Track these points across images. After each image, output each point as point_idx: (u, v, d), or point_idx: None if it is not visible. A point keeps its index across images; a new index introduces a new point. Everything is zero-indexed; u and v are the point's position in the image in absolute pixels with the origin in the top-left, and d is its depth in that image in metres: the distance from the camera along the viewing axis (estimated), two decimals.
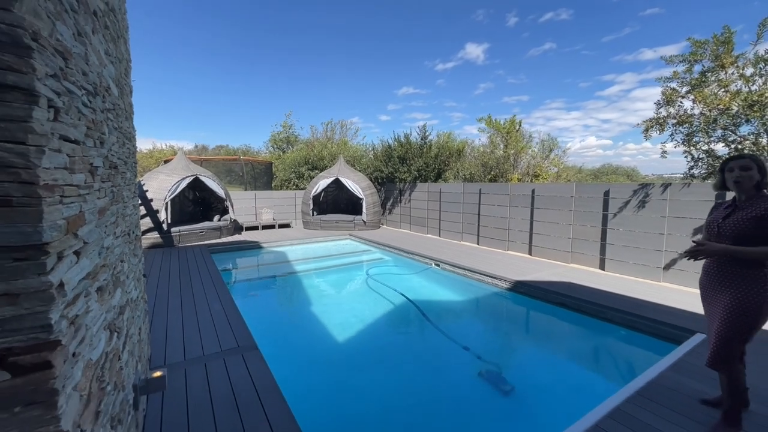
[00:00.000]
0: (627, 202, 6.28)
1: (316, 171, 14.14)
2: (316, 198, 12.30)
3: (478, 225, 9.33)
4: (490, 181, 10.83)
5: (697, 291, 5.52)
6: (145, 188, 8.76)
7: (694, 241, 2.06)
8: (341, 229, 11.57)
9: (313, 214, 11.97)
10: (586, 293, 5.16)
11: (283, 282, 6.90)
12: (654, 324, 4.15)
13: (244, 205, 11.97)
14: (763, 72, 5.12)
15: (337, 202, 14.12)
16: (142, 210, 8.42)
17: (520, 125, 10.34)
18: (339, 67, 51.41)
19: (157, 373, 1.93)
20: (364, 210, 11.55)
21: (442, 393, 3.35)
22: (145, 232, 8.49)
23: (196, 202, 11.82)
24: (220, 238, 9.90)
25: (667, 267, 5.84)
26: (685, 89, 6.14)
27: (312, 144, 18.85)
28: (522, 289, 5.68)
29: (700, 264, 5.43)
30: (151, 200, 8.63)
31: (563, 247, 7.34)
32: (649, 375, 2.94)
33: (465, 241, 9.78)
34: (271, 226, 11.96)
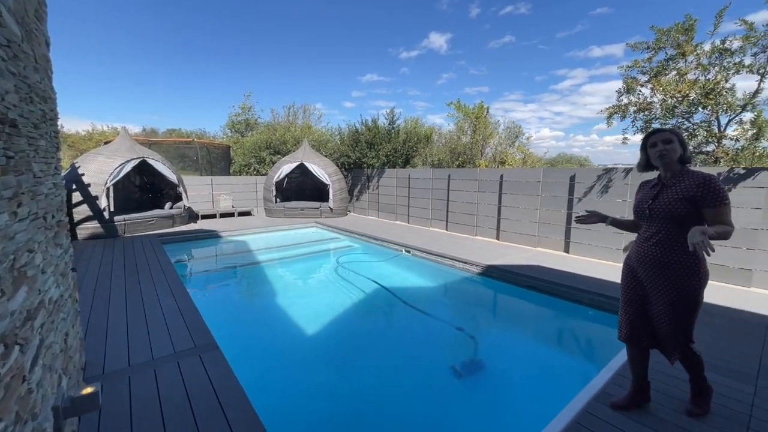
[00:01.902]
0: (591, 187, 6.47)
1: (279, 156, 13.42)
2: (279, 184, 11.67)
3: (447, 211, 9.31)
4: (459, 167, 10.86)
5: None
6: (80, 171, 7.73)
7: (703, 240, 1.62)
8: (307, 217, 11.10)
9: (276, 201, 11.35)
10: (555, 276, 5.25)
11: (246, 273, 6.42)
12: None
13: (200, 191, 11.08)
14: (716, 62, 5.40)
15: (302, 189, 13.54)
16: (79, 196, 7.43)
17: (487, 111, 10.40)
18: (300, 53, 49.31)
19: (87, 390, 1.55)
20: (330, 196, 11.14)
21: (421, 383, 3.20)
22: (81, 221, 7.52)
23: (144, 189, 10.73)
24: (172, 227, 9.07)
25: (626, 249, 6.11)
26: (644, 78, 6.36)
27: (274, 127, 17.86)
28: (493, 273, 5.69)
29: None
30: (89, 185, 7.64)
31: (530, 231, 7.49)
32: (624, 354, 2.96)
33: (434, 227, 9.74)
34: (230, 214, 11.20)
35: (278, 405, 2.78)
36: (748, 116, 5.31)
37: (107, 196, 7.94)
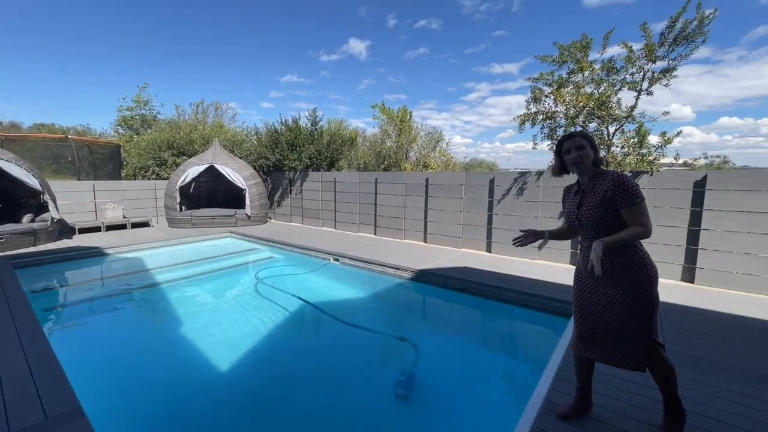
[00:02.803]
0: (509, 190, 6.87)
1: (184, 157, 11.77)
2: (184, 189, 10.18)
3: (375, 215, 9.12)
4: (384, 170, 10.78)
5: (564, 265, 6.51)
6: None
7: (592, 259, 1.70)
8: (219, 226, 9.87)
9: (181, 209, 9.87)
10: (482, 276, 5.37)
11: (140, 299, 5.27)
12: (545, 300, 4.49)
13: (78, 199, 9.03)
14: (605, 78, 6.17)
15: (213, 195, 12.09)
16: None
17: (410, 116, 10.55)
18: (207, 53, 45.00)
19: None
20: (247, 202, 10.09)
21: (363, 407, 2.83)
22: None
23: None
24: (35, 245, 7.15)
25: (540, 246, 6.61)
26: (548, 89, 6.98)
27: (178, 125, 15.70)
28: (424, 277, 5.60)
29: (564, 242, 6.15)
30: None
31: (455, 233, 7.69)
32: (558, 355, 3.00)
33: (362, 231, 9.46)
34: (122, 226, 9.37)
35: None
36: (630, 127, 6.19)
37: None
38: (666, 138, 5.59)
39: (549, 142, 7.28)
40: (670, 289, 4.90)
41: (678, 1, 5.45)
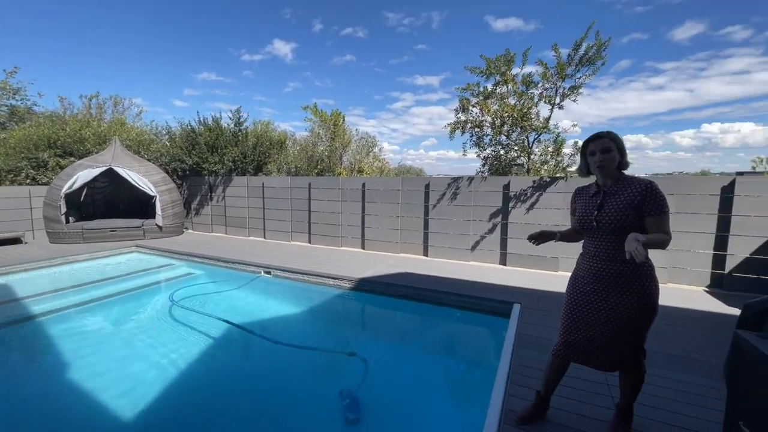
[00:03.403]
0: (443, 194, 7.05)
1: (72, 158, 9.83)
2: (73, 197, 8.47)
3: (309, 222, 8.66)
4: (317, 175, 10.35)
5: (494, 265, 6.90)
6: None
7: (637, 247, 1.55)
8: (122, 240, 8.41)
9: (68, 221, 8.17)
10: (423, 281, 5.36)
11: (12, 337, 4.10)
12: (484, 302, 4.61)
13: None
14: (524, 91, 6.72)
15: (113, 203, 10.33)
16: None
17: (343, 119, 10.32)
18: (110, 30, 39.02)
19: None
20: (158, 211, 8.78)
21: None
22: None
23: None
24: None
25: (473, 248, 6.90)
26: (474, 100, 7.38)
27: (63, 120, 13.08)
28: (366, 286, 5.39)
29: (494, 242, 6.44)
30: None
31: (393, 238, 7.64)
32: (506, 358, 3.03)
33: (296, 240, 8.91)
34: None
35: None
36: (545, 137, 6.84)
37: None
38: (578, 147, 6.30)
39: (477, 150, 7.69)
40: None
41: (565, 34, 6.21)
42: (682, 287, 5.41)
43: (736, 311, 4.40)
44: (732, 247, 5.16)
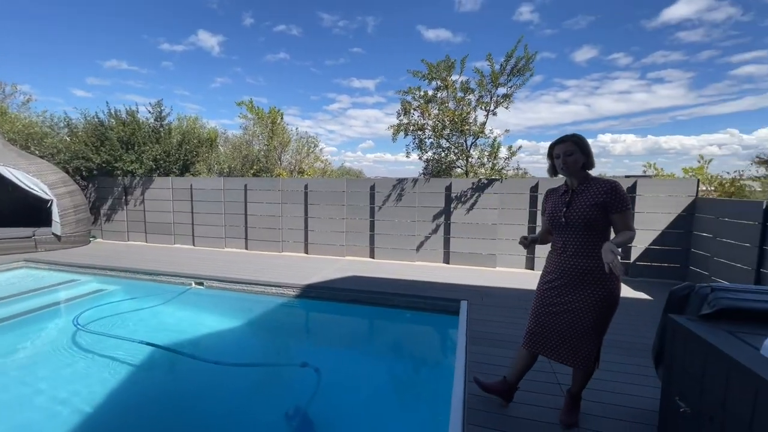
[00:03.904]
0: (389, 196, 7.06)
1: None
2: None
3: (246, 227, 8.04)
4: (254, 175, 9.66)
5: (440, 264, 7.09)
6: None
7: (610, 260, 1.68)
8: (6, 253, 6.93)
9: None
10: (372, 284, 5.27)
11: None
12: (434, 301, 4.67)
13: None
14: (462, 97, 7.04)
15: None
16: None
17: (282, 117, 9.80)
18: None
19: None
20: (55, 218, 7.42)
21: None
22: None
23: None
24: None
25: (418, 248, 7.01)
26: (416, 103, 7.54)
27: None
28: (313, 293, 5.13)
29: (438, 242, 6.61)
30: None
31: (338, 241, 7.44)
32: (461, 354, 3.07)
33: (231, 246, 8.20)
34: None
35: None
36: (481, 141, 7.24)
37: None
38: (512, 151, 6.79)
39: (419, 152, 7.87)
40: (510, 275, 5.88)
41: (488, 47, 6.72)
42: None
43: (643, 295, 5.09)
44: (636, 240, 5.98)
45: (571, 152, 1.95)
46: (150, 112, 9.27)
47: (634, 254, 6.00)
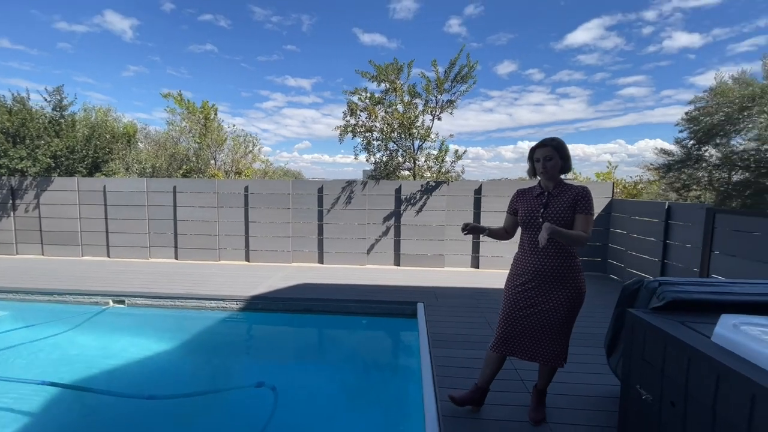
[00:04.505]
0: (338, 198, 6.84)
1: None
2: None
3: (176, 234, 7.17)
4: (184, 176, 8.65)
5: (392, 266, 7.05)
6: None
7: (540, 235, 1.83)
8: None
9: None
10: (324, 291, 5.04)
11: None
12: (390, 305, 4.60)
13: None
14: (409, 101, 7.13)
15: None
16: None
17: (216, 112, 8.92)
18: None
19: None
20: None
21: None
22: None
23: None
24: None
25: (368, 251, 6.92)
26: (362, 105, 7.45)
27: None
28: (259, 304, 4.72)
29: (389, 244, 6.58)
30: None
31: (284, 247, 7.01)
32: (426, 357, 3.02)
33: (157, 257, 7.25)
34: None
35: None
36: (427, 145, 7.42)
37: None
38: (458, 155, 7.05)
39: (366, 154, 7.79)
40: (459, 274, 6.12)
41: (421, 54, 6.96)
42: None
43: None
44: None
45: (550, 157, 2.02)
46: (47, 100, 7.79)
47: None
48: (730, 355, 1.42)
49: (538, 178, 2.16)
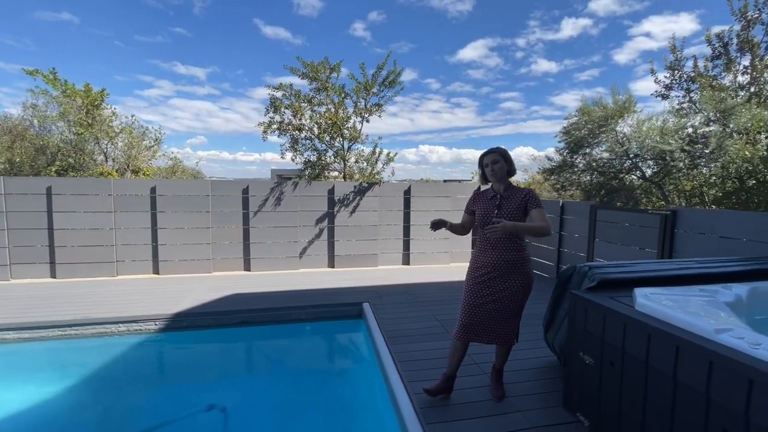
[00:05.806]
0: (266, 200, 6.41)
1: None
2: None
3: (52, 246, 5.79)
4: (58, 174, 6.93)
5: (326, 269, 6.85)
6: None
7: (494, 221, 2.16)
8: None
9: None
10: (259, 300, 4.69)
11: None
12: (334, 308, 4.52)
13: None
14: (339, 101, 7.08)
15: None
16: None
17: (103, 98, 7.35)
18: None
19: None
20: None
21: None
22: None
23: None
24: None
25: (301, 255, 6.65)
26: (287, 102, 7.14)
27: None
28: (185, 322, 4.15)
29: (322, 246, 6.50)
30: None
31: (203, 255, 6.27)
32: (386, 356, 3.08)
33: (21, 277, 5.75)
34: None
35: None
36: (357, 146, 7.48)
37: None
38: (390, 156, 7.25)
39: (293, 153, 7.48)
40: (393, 272, 6.39)
41: (327, 54, 7.02)
42: (461, 264, 7.27)
43: None
44: None
45: (497, 161, 2.33)
46: None
47: None
48: (653, 319, 1.83)
49: (490, 183, 2.45)
